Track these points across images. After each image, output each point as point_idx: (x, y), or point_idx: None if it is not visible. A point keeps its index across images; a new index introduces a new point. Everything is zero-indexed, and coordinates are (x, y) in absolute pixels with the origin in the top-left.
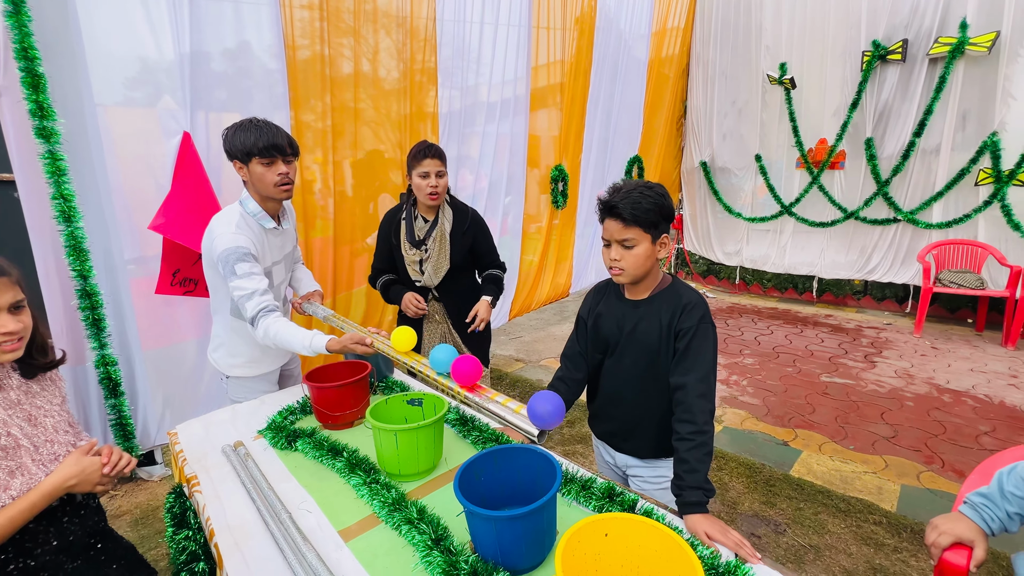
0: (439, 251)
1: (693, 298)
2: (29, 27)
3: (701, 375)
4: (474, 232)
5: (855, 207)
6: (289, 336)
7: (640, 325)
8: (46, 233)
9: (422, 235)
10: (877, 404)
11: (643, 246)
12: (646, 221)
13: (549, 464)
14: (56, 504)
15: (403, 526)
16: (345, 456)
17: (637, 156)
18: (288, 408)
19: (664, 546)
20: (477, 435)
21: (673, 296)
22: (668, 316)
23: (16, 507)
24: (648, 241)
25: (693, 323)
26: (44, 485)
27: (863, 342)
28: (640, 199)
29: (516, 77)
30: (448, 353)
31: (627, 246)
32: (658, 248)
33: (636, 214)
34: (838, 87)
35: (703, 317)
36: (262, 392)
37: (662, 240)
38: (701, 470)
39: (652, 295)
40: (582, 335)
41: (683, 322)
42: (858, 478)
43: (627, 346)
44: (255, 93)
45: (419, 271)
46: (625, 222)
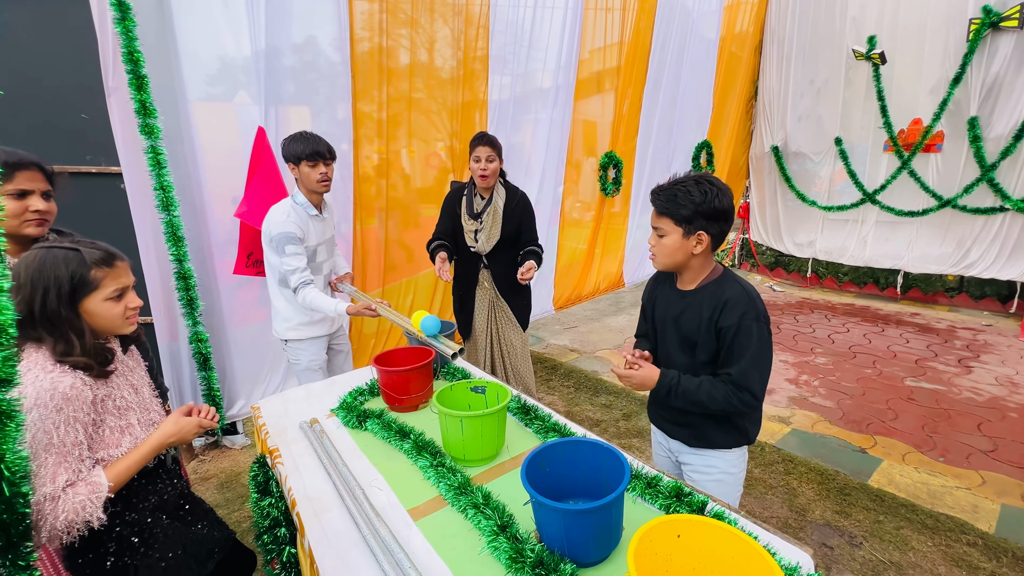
0: (492, 223)
1: (736, 294)
2: (134, 32)
3: (742, 369)
4: (521, 211)
5: (952, 194)
6: (321, 302)
7: (684, 315)
8: (147, 221)
9: (479, 209)
10: (973, 414)
11: (672, 237)
12: (677, 215)
13: (616, 459)
14: (151, 467)
15: (469, 510)
16: (412, 438)
17: (706, 141)
18: (357, 390)
19: (741, 553)
20: (539, 424)
21: (717, 291)
22: (709, 311)
23: (131, 458)
24: (679, 234)
25: (733, 321)
26: (151, 440)
27: (957, 344)
28: (677, 193)
29: (569, 62)
30: (434, 321)
31: (659, 235)
32: (692, 243)
33: (667, 207)
34: (938, 60)
35: (745, 314)
36: (315, 355)
37: (698, 236)
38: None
39: (699, 287)
40: (645, 317)
41: (723, 320)
42: (949, 493)
43: (672, 334)
44: (320, 86)
45: (474, 239)
46: (657, 212)
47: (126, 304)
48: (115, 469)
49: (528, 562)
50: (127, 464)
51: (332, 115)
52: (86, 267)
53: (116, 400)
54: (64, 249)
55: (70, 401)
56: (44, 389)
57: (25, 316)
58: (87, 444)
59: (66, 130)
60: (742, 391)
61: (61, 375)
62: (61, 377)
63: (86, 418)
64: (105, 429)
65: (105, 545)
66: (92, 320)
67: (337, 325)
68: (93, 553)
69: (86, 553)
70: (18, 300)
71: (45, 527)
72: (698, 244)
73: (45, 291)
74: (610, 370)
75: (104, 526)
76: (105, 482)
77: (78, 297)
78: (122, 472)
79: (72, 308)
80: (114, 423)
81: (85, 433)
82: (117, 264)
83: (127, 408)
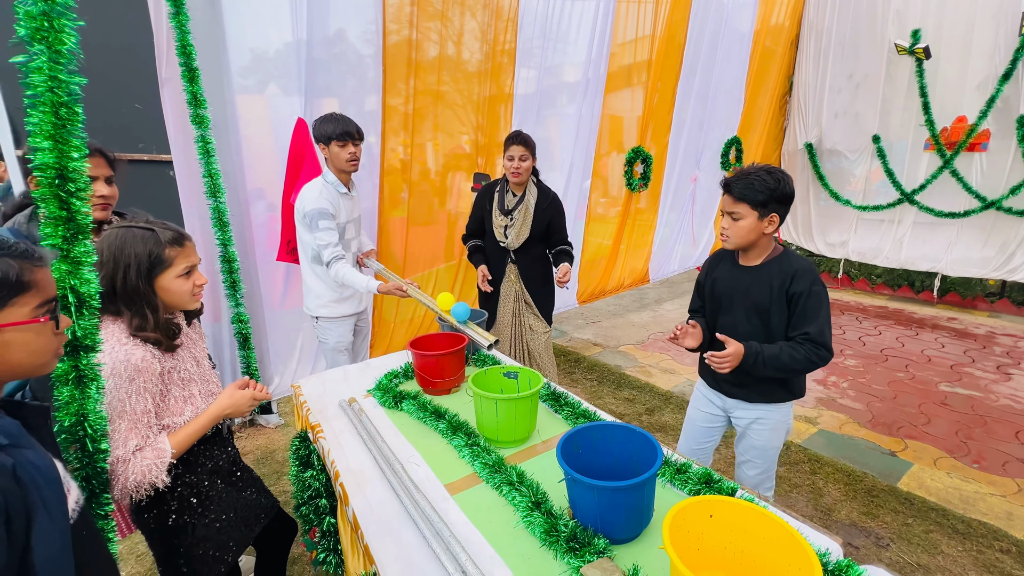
0: (522, 221)
1: (803, 265)
2: (187, 26)
3: (819, 328)
4: (552, 212)
5: (997, 195)
6: (353, 277)
7: (752, 287)
8: (194, 207)
9: (511, 206)
10: (1011, 421)
11: (748, 220)
12: (754, 200)
13: (648, 443)
14: (209, 435)
15: (504, 487)
16: (447, 419)
17: (736, 137)
18: (392, 372)
19: (773, 534)
20: (569, 411)
21: (784, 263)
22: (779, 280)
23: (192, 427)
24: (754, 217)
25: (805, 287)
26: (210, 411)
27: (996, 351)
28: (754, 181)
29: (600, 55)
30: (464, 308)
31: (735, 218)
32: (765, 224)
33: (745, 193)
34: (986, 55)
35: (814, 281)
36: (342, 336)
37: (770, 218)
38: (773, 363)
39: (764, 262)
40: (700, 295)
41: (795, 287)
42: (982, 499)
43: (740, 305)
44: (348, 79)
45: (504, 235)
46: (734, 198)
47: (194, 281)
48: (178, 436)
49: (562, 536)
50: (188, 432)
51: (360, 107)
52: (161, 246)
53: (180, 372)
54: (142, 229)
55: (141, 372)
56: (119, 360)
57: (107, 290)
58: (154, 412)
59: (121, 120)
60: (820, 348)
61: (134, 348)
62: (134, 350)
63: (154, 388)
64: (170, 399)
65: (168, 503)
66: (164, 296)
67: (364, 304)
68: (157, 510)
69: (151, 509)
70: (102, 275)
71: (117, 486)
72: (770, 224)
73: (126, 267)
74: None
75: (168, 487)
76: (169, 448)
77: (154, 274)
78: (184, 440)
79: (149, 284)
80: (178, 393)
81: (153, 402)
82: (187, 244)
83: (190, 379)
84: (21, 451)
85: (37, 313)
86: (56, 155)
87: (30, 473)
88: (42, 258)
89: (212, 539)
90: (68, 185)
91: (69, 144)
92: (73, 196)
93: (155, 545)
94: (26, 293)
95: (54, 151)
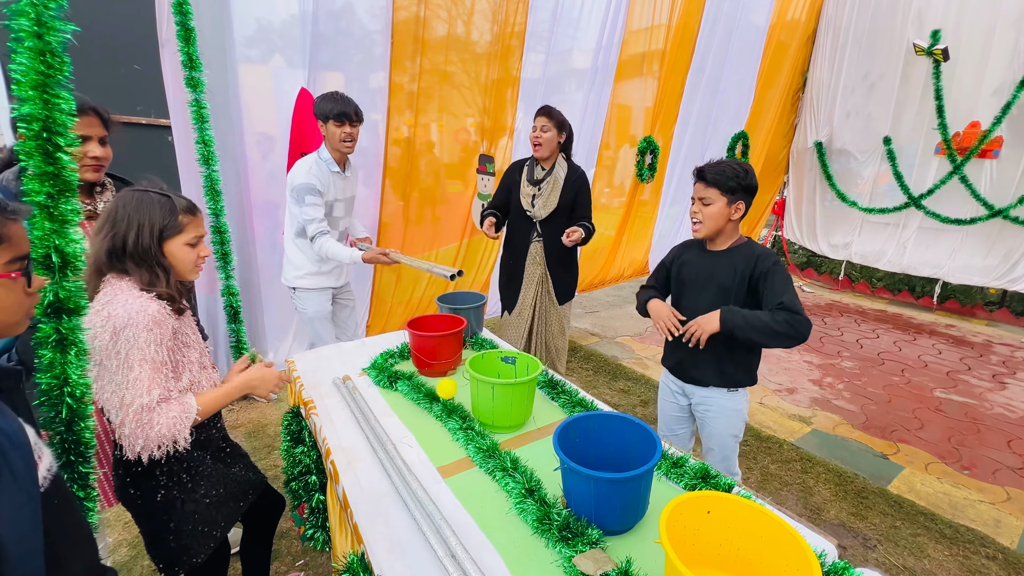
0: (550, 192)
1: (763, 251)
2: None
3: (791, 298)
4: (578, 186)
5: (1005, 204)
6: (337, 251)
7: (718, 270)
8: (192, 174)
9: (539, 177)
10: (1004, 430)
11: (718, 205)
12: (724, 186)
13: (647, 435)
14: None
15: (497, 472)
16: (441, 402)
17: (743, 132)
18: (388, 352)
19: (772, 534)
20: (565, 399)
21: (747, 249)
22: (743, 264)
23: (220, 392)
24: (724, 202)
25: (769, 265)
26: (239, 381)
27: (992, 360)
28: (725, 168)
29: (611, 42)
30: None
31: (705, 203)
32: (732, 211)
33: (717, 178)
34: (1005, 60)
35: (776, 262)
36: (320, 305)
37: (737, 205)
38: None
39: (729, 248)
40: (661, 277)
41: (760, 267)
42: (971, 506)
43: (704, 286)
44: (354, 54)
45: (531, 203)
46: (706, 183)
47: (198, 252)
48: (204, 398)
49: (555, 525)
50: (215, 397)
51: (364, 83)
52: (175, 212)
53: (182, 336)
54: (158, 194)
55: (158, 324)
56: (136, 310)
57: (117, 248)
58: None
59: (119, 81)
60: (796, 314)
61: (148, 301)
62: (148, 302)
63: (170, 343)
64: (175, 362)
65: (157, 479)
66: (171, 261)
67: (344, 280)
68: (145, 486)
69: (139, 486)
70: (113, 233)
71: (140, 437)
72: (736, 211)
73: (139, 227)
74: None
75: (157, 460)
76: (195, 405)
77: (165, 236)
78: (209, 403)
79: (159, 246)
80: (179, 357)
81: (170, 357)
82: (198, 215)
83: (189, 345)
84: None
85: (8, 269)
86: (41, 106)
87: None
88: (16, 212)
89: (202, 515)
90: (55, 139)
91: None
92: (60, 151)
93: (143, 522)
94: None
95: (39, 102)
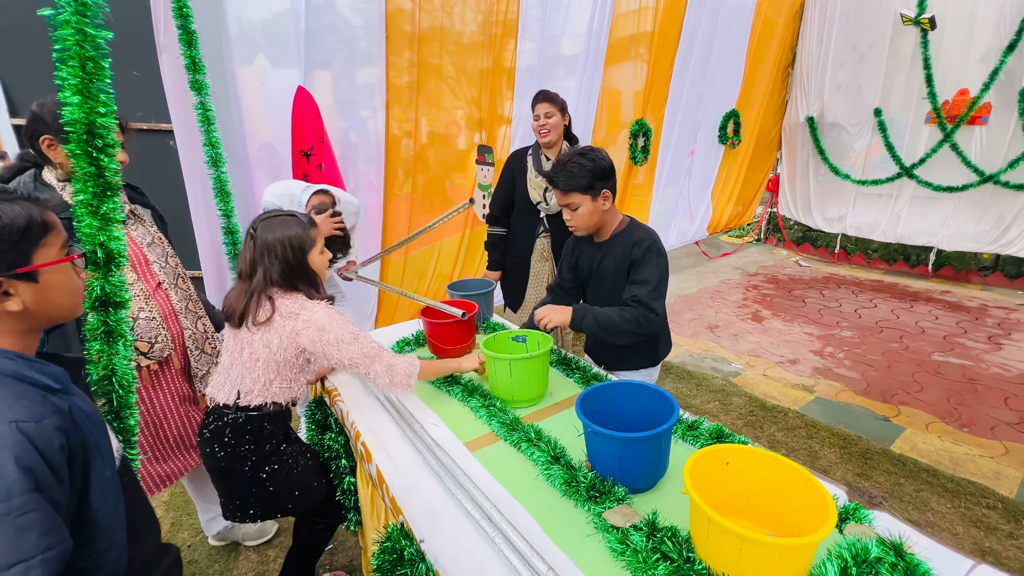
0: None
1: (643, 234)
2: None
3: (648, 290)
4: None
5: (996, 169)
6: None
7: (604, 261)
8: (197, 177)
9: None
10: (1001, 388)
11: (585, 206)
12: (579, 186)
13: (664, 400)
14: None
15: (523, 443)
16: (462, 383)
17: (734, 110)
18: (404, 340)
19: (789, 479)
20: (580, 375)
21: (627, 235)
22: (623, 251)
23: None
24: (588, 200)
25: (640, 253)
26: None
27: (988, 322)
28: (573, 169)
29: (601, 27)
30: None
31: (572, 209)
32: (601, 202)
33: (569, 183)
34: (992, 26)
35: (649, 248)
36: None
37: (603, 195)
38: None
39: (611, 236)
40: (567, 274)
41: (634, 253)
42: (971, 461)
43: (597, 278)
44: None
45: (542, 196)
46: (562, 191)
47: (327, 256)
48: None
49: (582, 486)
50: (436, 365)
51: (351, 80)
52: (306, 227)
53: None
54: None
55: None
56: (327, 312)
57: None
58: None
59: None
60: (647, 310)
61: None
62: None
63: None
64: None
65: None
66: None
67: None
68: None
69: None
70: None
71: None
72: (605, 201)
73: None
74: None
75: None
76: (419, 362)
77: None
78: (428, 369)
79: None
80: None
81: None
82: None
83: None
84: (71, 397)
85: (63, 253)
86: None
87: (81, 418)
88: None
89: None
90: (96, 140)
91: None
92: (101, 152)
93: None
94: (51, 233)
95: (83, 106)
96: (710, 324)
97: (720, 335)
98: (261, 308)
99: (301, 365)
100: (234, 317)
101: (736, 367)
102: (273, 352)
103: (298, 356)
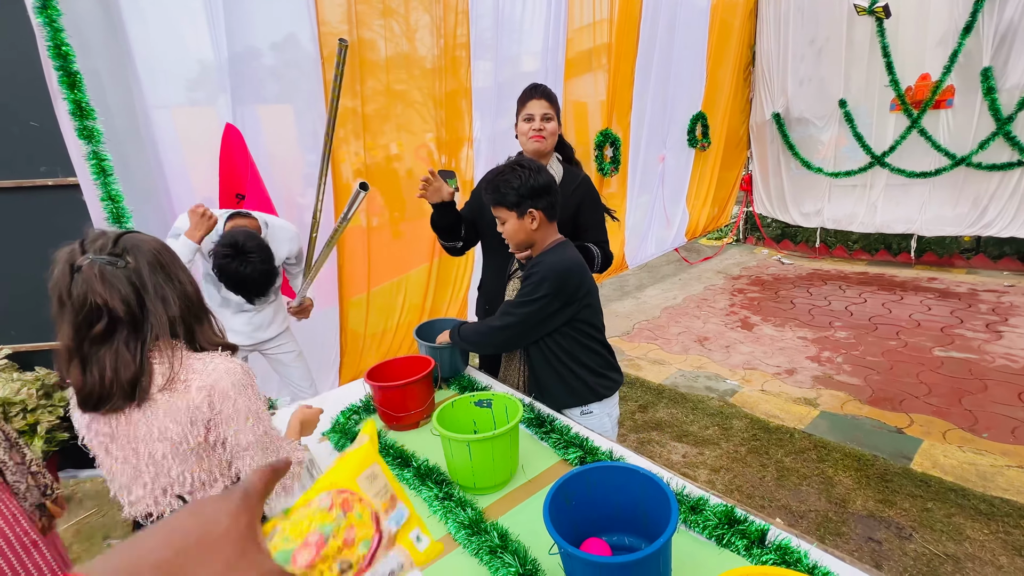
0: None
1: (548, 262)
2: (60, 22)
3: (509, 306)
4: (582, 197)
5: (966, 152)
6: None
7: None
8: None
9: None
10: (1011, 382)
11: (511, 222)
12: (506, 202)
13: (656, 488)
14: None
15: (485, 555)
16: (415, 466)
17: (701, 113)
18: (351, 407)
19: None
20: (556, 438)
21: (540, 258)
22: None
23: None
24: (514, 217)
25: (530, 271)
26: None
27: (981, 308)
28: (500, 184)
29: (556, 43)
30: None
31: (501, 222)
32: (528, 221)
33: (496, 198)
34: (945, 10)
35: (534, 272)
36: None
37: (530, 214)
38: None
39: (537, 257)
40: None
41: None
42: (999, 473)
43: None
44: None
45: None
46: (492, 205)
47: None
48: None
49: None
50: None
51: (319, 112)
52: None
53: None
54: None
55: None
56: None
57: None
58: None
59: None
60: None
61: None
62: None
63: None
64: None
65: None
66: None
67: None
68: None
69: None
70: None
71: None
72: (532, 221)
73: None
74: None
75: None
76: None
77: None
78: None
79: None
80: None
81: None
82: None
83: None
84: None
85: None
86: None
87: None
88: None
89: None
90: None
91: None
92: None
93: None
94: None
95: None
96: (699, 336)
97: (711, 348)
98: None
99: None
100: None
101: (732, 384)
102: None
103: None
